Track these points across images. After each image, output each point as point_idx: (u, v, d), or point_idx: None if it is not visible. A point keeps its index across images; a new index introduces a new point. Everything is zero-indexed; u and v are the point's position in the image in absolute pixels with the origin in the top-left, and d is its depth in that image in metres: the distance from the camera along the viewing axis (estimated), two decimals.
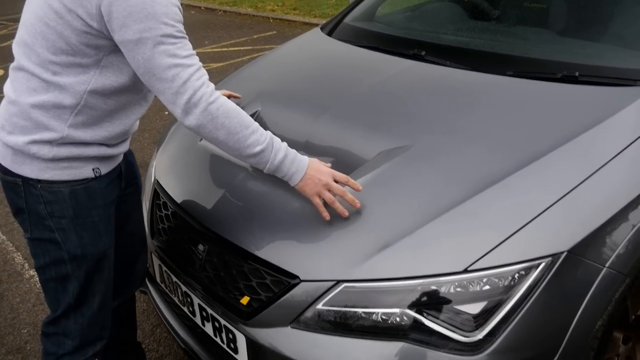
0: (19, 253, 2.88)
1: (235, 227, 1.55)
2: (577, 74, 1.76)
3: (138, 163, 1.79)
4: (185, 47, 1.32)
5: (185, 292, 1.67)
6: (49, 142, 1.36)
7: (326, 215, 1.41)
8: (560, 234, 1.30)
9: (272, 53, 2.57)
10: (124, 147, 1.54)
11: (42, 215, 1.42)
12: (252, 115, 1.94)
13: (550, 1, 2.37)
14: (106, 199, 1.50)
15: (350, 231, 1.40)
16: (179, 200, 1.76)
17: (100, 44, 1.31)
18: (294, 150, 1.46)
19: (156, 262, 1.84)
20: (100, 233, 1.49)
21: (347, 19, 2.63)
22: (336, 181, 1.44)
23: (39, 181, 1.39)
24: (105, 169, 1.48)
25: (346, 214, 1.41)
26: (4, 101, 1.41)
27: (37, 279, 2.52)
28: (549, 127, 1.57)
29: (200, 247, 1.62)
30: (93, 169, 1.44)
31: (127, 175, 1.62)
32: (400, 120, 1.71)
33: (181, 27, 1.33)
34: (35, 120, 1.34)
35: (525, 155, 1.46)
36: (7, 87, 1.40)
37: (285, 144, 1.46)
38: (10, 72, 1.39)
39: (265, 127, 1.89)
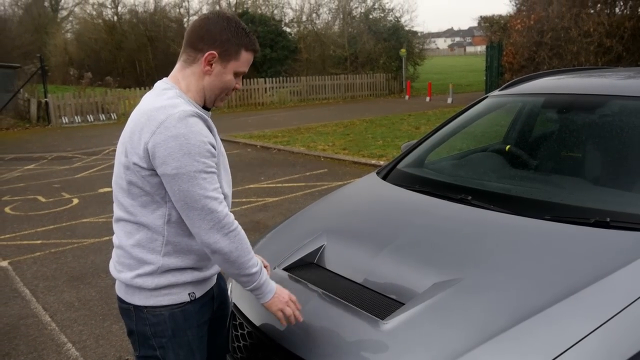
0: None
1: (310, 348, 1.78)
2: (608, 219, 2.00)
3: None
4: (214, 181, 1.60)
5: None
6: (151, 274, 1.67)
7: (284, 323, 1.76)
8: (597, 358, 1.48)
9: (334, 195, 2.93)
10: (214, 269, 1.82)
11: (147, 336, 1.70)
12: (318, 249, 2.27)
13: (584, 152, 2.68)
14: (200, 319, 1.77)
15: (410, 352, 1.60)
16: (255, 321, 2.00)
17: (159, 181, 1.60)
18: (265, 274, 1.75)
19: None
20: (194, 351, 1.75)
21: (400, 165, 3.00)
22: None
23: (145, 307, 1.69)
24: (199, 292, 1.76)
25: (298, 320, 1.77)
26: (114, 249, 1.77)
27: None
28: (582, 266, 1.79)
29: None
30: (189, 294, 1.72)
31: (219, 298, 1.90)
32: (450, 256, 1.97)
33: (212, 163, 1.60)
34: (136, 257, 1.68)
35: (561, 289, 1.67)
36: (114, 237, 1.76)
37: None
38: (113, 224, 1.75)
39: (332, 260, 2.20)
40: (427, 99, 19.35)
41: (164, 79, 1.72)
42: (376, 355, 1.65)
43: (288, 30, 26.47)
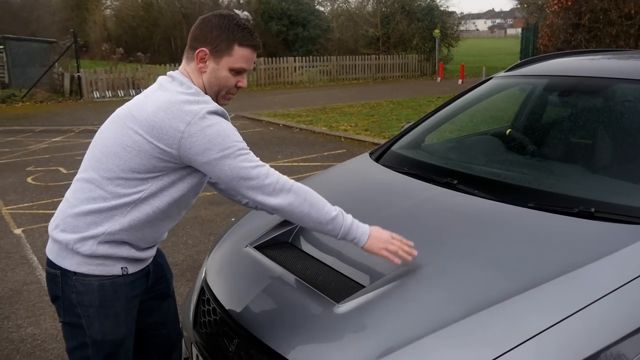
0: None
1: (265, 327, 1.75)
2: (592, 209, 1.89)
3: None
4: (252, 155, 1.67)
5: None
6: (91, 239, 1.65)
7: (397, 261, 1.71)
8: (550, 357, 1.39)
9: (322, 174, 2.88)
10: (151, 252, 1.82)
11: (73, 303, 1.69)
12: (294, 228, 2.23)
13: (584, 138, 2.55)
14: (129, 293, 1.75)
15: (359, 337, 1.55)
16: (220, 297, 1.98)
17: (167, 166, 1.65)
18: (355, 221, 1.76)
19: (194, 352, 2.04)
20: (120, 323, 1.74)
21: (395, 147, 2.92)
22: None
23: (75, 274, 1.68)
24: (132, 269, 1.75)
25: (412, 255, 1.73)
26: (63, 204, 1.75)
27: None
28: (554, 257, 1.69)
29: (232, 340, 1.82)
30: (122, 268, 1.72)
31: (155, 274, 1.89)
32: (420, 241, 1.89)
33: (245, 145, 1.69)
34: (88, 222, 1.66)
35: (527, 281, 1.59)
36: (69, 193, 1.74)
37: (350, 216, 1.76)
38: (75, 182, 1.74)
39: (305, 240, 2.16)
40: (460, 81, 18.92)
41: (175, 72, 1.75)
42: (325, 337, 1.60)
43: (321, 9, 26.22)
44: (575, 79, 2.73)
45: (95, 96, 16.36)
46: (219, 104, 1.73)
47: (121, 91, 16.80)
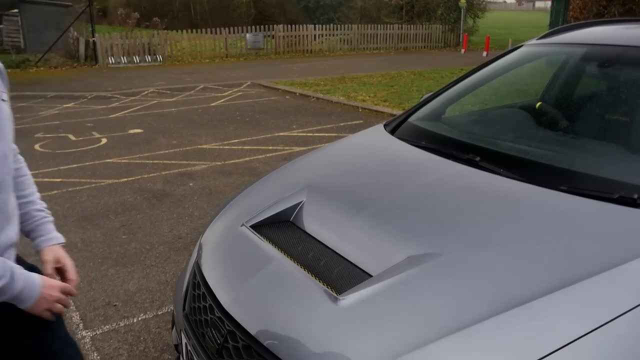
0: (77, 312, 3.03)
1: (257, 320, 1.55)
2: (635, 196, 1.64)
3: None
4: None
5: None
6: None
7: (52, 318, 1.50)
8: None
9: (331, 147, 2.64)
10: None
11: None
12: (296, 206, 2.02)
13: (626, 114, 2.27)
14: None
15: (362, 336, 1.35)
16: (210, 283, 1.79)
17: None
18: (26, 274, 1.42)
19: (184, 340, 1.86)
20: None
21: (412, 118, 2.67)
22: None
23: None
24: None
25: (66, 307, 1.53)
26: None
27: (89, 341, 2.63)
28: (591, 251, 1.46)
29: (220, 331, 1.63)
30: None
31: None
32: (435, 226, 1.67)
33: None
34: None
35: (558, 278, 1.36)
36: None
37: (21, 270, 1.41)
38: None
39: (308, 219, 1.94)
40: (484, 53, 18.31)
41: None
42: (322, 337, 1.40)
43: None
44: (617, 48, 2.43)
45: (111, 62, 16.15)
46: None
47: (137, 57, 16.56)
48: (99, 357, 2.62)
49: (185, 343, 1.84)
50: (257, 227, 1.94)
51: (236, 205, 2.20)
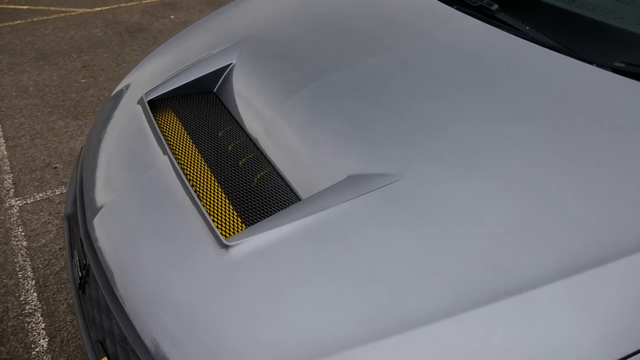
0: (10, 175, 2.61)
1: (113, 254, 1.04)
2: None
3: None
4: None
5: None
6: None
7: None
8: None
9: None
10: None
11: None
12: (224, 69, 1.41)
13: None
14: None
15: (247, 323, 0.83)
16: (84, 183, 1.27)
17: None
18: None
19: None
20: None
21: None
22: None
23: None
24: None
25: None
26: None
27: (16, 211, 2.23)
28: None
29: (81, 260, 1.14)
30: None
31: None
32: (404, 123, 1.05)
33: None
34: None
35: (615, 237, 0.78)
36: None
37: None
38: None
39: (236, 92, 1.35)
40: None
41: None
42: (191, 306, 0.89)
43: None
44: None
45: None
46: None
47: None
48: (23, 233, 2.23)
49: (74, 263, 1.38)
50: (164, 101, 1.36)
51: (147, 64, 1.59)
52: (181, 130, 1.27)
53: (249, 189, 1.06)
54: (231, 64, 1.41)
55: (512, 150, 0.94)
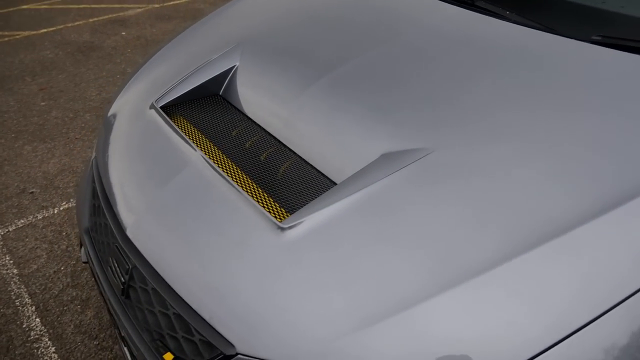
0: None
1: (165, 256, 1.08)
2: None
3: None
4: None
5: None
6: None
7: None
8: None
9: None
10: None
11: None
12: (228, 71, 1.45)
13: None
14: None
15: (320, 295, 0.89)
16: (109, 192, 1.28)
17: None
18: None
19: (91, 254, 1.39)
20: None
21: None
22: None
23: None
24: None
25: None
26: None
27: None
28: None
29: (124, 265, 1.16)
30: None
31: None
32: (423, 102, 1.14)
33: None
34: None
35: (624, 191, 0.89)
36: None
37: None
38: None
39: (243, 93, 1.40)
40: None
41: None
42: (255, 287, 0.94)
43: None
44: None
45: None
46: None
47: None
48: (11, 261, 2.19)
49: (91, 267, 1.39)
50: (173, 107, 1.39)
51: (147, 73, 1.61)
52: (196, 133, 1.31)
53: (279, 180, 1.11)
54: (234, 66, 1.45)
55: (522, 113, 1.04)
